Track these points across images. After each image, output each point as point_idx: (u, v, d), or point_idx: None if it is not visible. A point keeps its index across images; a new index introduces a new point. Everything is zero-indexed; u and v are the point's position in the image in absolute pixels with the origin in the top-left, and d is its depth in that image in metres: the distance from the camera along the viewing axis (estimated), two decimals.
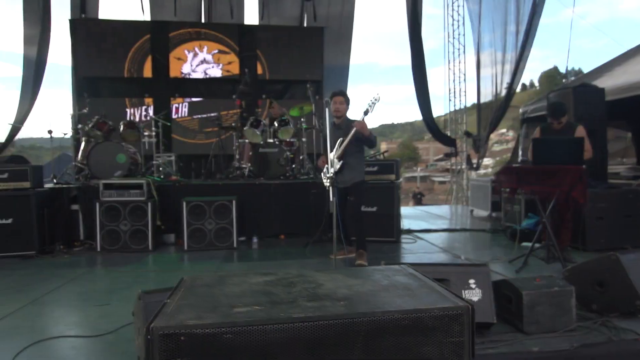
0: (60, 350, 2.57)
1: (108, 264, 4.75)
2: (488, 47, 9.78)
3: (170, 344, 1.29)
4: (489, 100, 9.62)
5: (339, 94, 4.48)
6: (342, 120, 4.46)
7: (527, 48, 7.93)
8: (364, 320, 1.39)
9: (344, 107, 4.45)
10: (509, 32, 8.75)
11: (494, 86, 9.39)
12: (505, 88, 9.00)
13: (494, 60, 9.49)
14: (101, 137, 6.13)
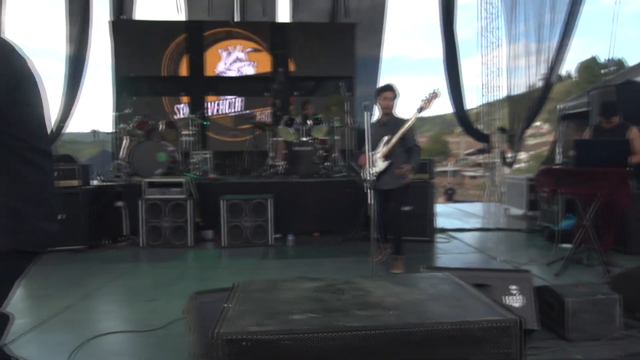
0: (115, 345, 2.73)
1: (152, 259, 4.97)
2: (521, 38, 9.54)
3: (234, 348, 1.38)
4: (522, 93, 9.39)
5: (388, 89, 4.20)
6: (389, 118, 4.23)
7: (567, 37, 7.66)
8: (415, 330, 1.45)
9: (393, 103, 4.20)
10: (544, 21, 8.50)
11: (527, 77, 9.16)
12: (540, 79, 8.77)
13: (527, 51, 9.25)
14: (142, 136, 6.38)
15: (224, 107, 9.30)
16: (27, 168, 1.38)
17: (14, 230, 1.34)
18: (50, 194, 1.46)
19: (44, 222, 1.42)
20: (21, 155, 1.36)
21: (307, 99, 7.71)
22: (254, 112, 9.15)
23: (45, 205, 1.43)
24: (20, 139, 1.35)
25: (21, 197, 1.36)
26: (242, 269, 4.49)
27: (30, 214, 1.38)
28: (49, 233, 1.45)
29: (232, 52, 9.26)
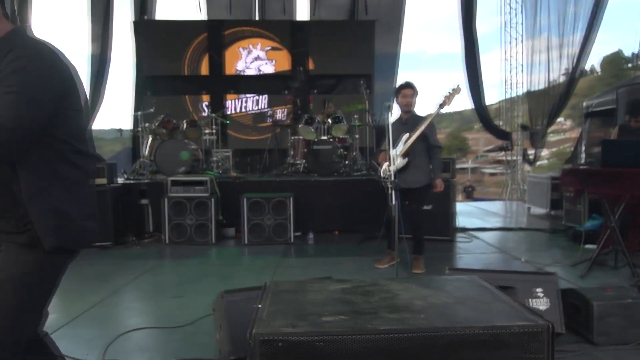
0: (144, 340, 2.82)
1: (175, 256, 5.09)
2: (542, 32, 9.36)
3: (269, 349, 1.43)
4: (543, 88, 9.22)
5: (408, 86, 4.13)
6: (410, 115, 4.19)
7: (593, 30, 7.49)
8: (445, 334, 1.47)
9: (413, 101, 4.16)
10: (568, 14, 8.33)
11: (549, 72, 8.99)
12: (562, 75, 8.60)
13: (548, 45, 9.07)
14: (166, 135, 6.51)
15: (243, 106, 9.39)
16: (71, 169, 1.45)
17: (58, 228, 1.41)
18: (90, 193, 1.53)
19: (85, 221, 1.49)
20: (65, 157, 1.43)
21: (327, 97, 7.74)
22: (273, 110, 9.22)
23: (86, 204, 1.50)
24: (65, 142, 1.42)
25: (65, 197, 1.43)
26: (263, 267, 4.56)
27: (72, 213, 1.44)
28: (90, 231, 1.52)
29: (252, 50, 9.34)
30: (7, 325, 1.39)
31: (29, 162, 1.37)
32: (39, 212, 1.37)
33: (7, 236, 1.43)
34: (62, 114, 1.40)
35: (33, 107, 1.28)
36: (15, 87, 1.27)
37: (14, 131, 1.24)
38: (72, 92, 1.44)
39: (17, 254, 1.41)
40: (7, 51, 1.32)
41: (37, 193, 1.37)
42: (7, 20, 1.41)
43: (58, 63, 1.40)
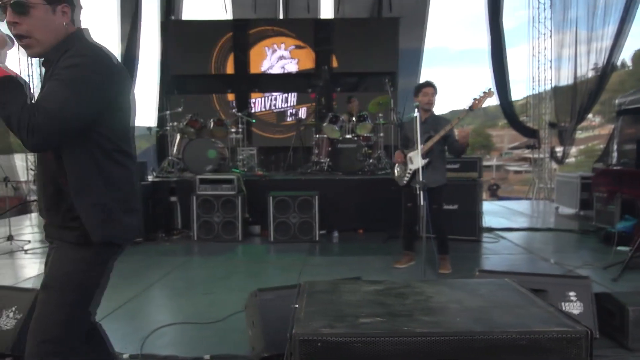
0: (178, 335, 2.91)
1: (204, 252, 5.21)
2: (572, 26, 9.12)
3: (309, 348, 1.47)
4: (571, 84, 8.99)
5: (429, 85, 4.09)
6: (429, 115, 4.15)
7: (626, 23, 7.25)
8: (482, 338, 1.48)
9: (434, 99, 4.11)
10: (598, 7, 8.09)
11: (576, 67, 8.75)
12: (591, 69, 8.36)
13: (576, 39, 8.83)
14: (193, 134, 6.64)
15: (268, 104, 9.48)
16: (116, 168, 1.52)
17: (104, 223, 1.48)
18: (132, 191, 1.60)
19: (129, 216, 1.56)
20: (110, 155, 1.50)
21: (351, 95, 7.74)
22: (298, 108, 9.28)
23: (129, 201, 1.57)
24: (110, 141, 1.50)
25: (110, 194, 1.50)
26: (290, 265, 4.61)
27: (117, 209, 1.52)
28: (133, 226, 1.59)
29: (277, 49, 9.41)
30: (64, 320, 1.47)
31: (75, 157, 1.44)
32: (85, 206, 1.45)
33: (57, 231, 1.51)
34: (109, 115, 1.47)
35: (79, 102, 1.35)
36: (65, 81, 1.35)
37: (56, 119, 1.31)
38: (121, 95, 1.51)
39: (68, 252, 1.50)
40: (65, 50, 1.41)
41: (83, 188, 1.45)
42: (72, 24, 1.50)
43: (111, 66, 1.47)
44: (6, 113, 1.29)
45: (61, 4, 1.45)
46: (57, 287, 1.48)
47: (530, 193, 11.40)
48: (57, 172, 1.46)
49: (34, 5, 1.39)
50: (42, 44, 1.44)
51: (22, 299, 2.44)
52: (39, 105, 1.31)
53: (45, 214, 1.55)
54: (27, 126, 1.27)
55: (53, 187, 1.49)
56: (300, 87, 9.40)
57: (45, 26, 1.42)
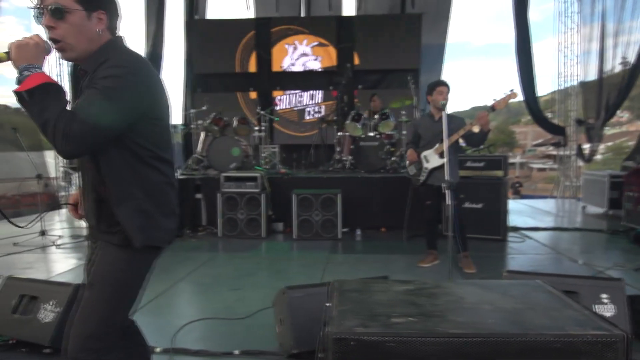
0: (208, 330, 2.97)
1: (229, 249, 5.29)
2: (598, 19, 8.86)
3: (342, 347, 1.49)
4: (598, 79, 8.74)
5: (444, 84, 4.10)
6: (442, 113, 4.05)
7: None
8: (517, 340, 1.48)
9: (448, 98, 4.07)
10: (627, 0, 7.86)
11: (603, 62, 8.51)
12: (620, 63, 8.12)
13: (603, 33, 8.58)
14: (217, 132, 6.73)
15: (290, 102, 9.53)
16: (153, 174, 1.57)
17: (144, 228, 1.53)
18: (170, 195, 1.64)
19: (167, 220, 1.61)
20: (148, 163, 1.55)
21: (373, 93, 7.71)
22: (320, 106, 9.30)
23: (167, 205, 1.62)
24: (147, 149, 1.54)
25: (149, 199, 1.55)
26: (313, 262, 4.65)
27: (155, 213, 1.56)
28: (171, 229, 1.64)
29: (298, 47, 9.45)
30: (105, 317, 1.53)
31: (113, 166, 1.49)
32: (126, 213, 1.50)
33: (102, 235, 1.57)
34: (146, 124, 1.51)
35: (114, 112, 1.39)
36: (102, 91, 1.38)
37: (91, 128, 1.34)
38: (158, 104, 1.55)
39: (111, 253, 1.55)
40: (104, 59, 1.45)
41: (122, 196, 1.50)
42: (108, 32, 1.54)
43: (148, 76, 1.51)
44: (43, 119, 1.33)
45: (97, 10, 1.48)
46: (100, 286, 1.54)
47: (556, 191, 11.17)
48: (97, 181, 1.51)
49: (71, 11, 1.43)
50: (76, 48, 1.48)
51: (61, 293, 2.54)
52: (75, 114, 1.34)
53: (89, 219, 1.61)
54: (62, 134, 1.31)
55: (94, 195, 1.54)
56: (322, 85, 9.42)
57: (80, 32, 1.46)
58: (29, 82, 1.34)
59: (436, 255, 4.41)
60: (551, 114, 11.08)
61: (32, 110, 1.34)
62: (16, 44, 1.39)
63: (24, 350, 2.58)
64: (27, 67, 1.36)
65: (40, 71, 1.38)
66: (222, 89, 9.46)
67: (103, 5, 1.50)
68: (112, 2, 1.55)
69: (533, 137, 39.13)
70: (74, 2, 1.43)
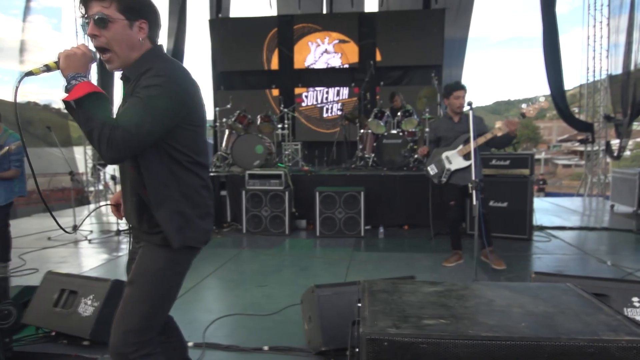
0: (237, 326, 3.06)
1: (253, 245, 5.39)
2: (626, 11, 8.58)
3: (375, 347, 1.53)
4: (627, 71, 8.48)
5: (461, 88, 4.08)
6: (462, 116, 4.13)
7: None
8: (549, 344, 1.49)
9: (465, 101, 4.07)
10: None
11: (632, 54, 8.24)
12: None
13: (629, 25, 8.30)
14: (241, 130, 6.83)
15: (312, 99, 9.57)
16: (190, 177, 1.63)
17: (182, 229, 1.60)
18: (206, 197, 1.71)
19: (203, 221, 1.68)
20: (186, 167, 1.61)
21: (394, 92, 7.68)
22: (342, 103, 9.32)
23: (203, 207, 1.69)
24: (183, 154, 1.60)
25: (186, 202, 1.62)
26: (337, 260, 4.70)
27: (192, 215, 1.63)
28: (207, 230, 1.71)
29: (321, 44, 9.46)
30: (146, 313, 1.60)
31: (153, 170, 1.56)
32: (165, 216, 1.57)
33: (144, 235, 1.65)
34: (183, 130, 1.57)
35: (154, 120, 1.45)
36: (144, 99, 1.45)
37: (133, 135, 1.41)
38: (195, 112, 1.61)
39: (152, 252, 1.63)
40: (147, 69, 1.51)
41: (163, 199, 1.57)
42: (149, 41, 1.60)
43: (187, 85, 1.57)
44: (90, 127, 1.40)
45: (138, 20, 1.55)
46: (141, 283, 1.61)
47: (582, 189, 10.92)
48: (139, 184, 1.58)
49: (114, 20, 1.50)
50: (120, 57, 1.55)
51: (99, 288, 2.65)
52: (118, 122, 1.42)
53: (130, 221, 1.69)
54: (107, 141, 1.38)
55: (136, 198, 1.62)
56: (344, 82, 9.42)
57: (122, 40, 1.53)
58: (77, 92, 1.40)
59: (460, 255, 4.40)
60: (577, 108, 10.82)
61: (79, 118, 1.42)
62: (64, 54, 1.46)
63: (64, 342, 2.71)
64: (74, 76, 1.44)
65: (86, 80, 1.45)
66: (244, 87, 9.56)
67: (144, 15, 1.57)
68: (153, 12, 1.61)
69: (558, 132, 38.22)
70: (117, 11, 1.50)
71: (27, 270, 4.39)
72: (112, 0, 1.49)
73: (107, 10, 1.49)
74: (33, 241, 5.69)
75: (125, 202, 1.70)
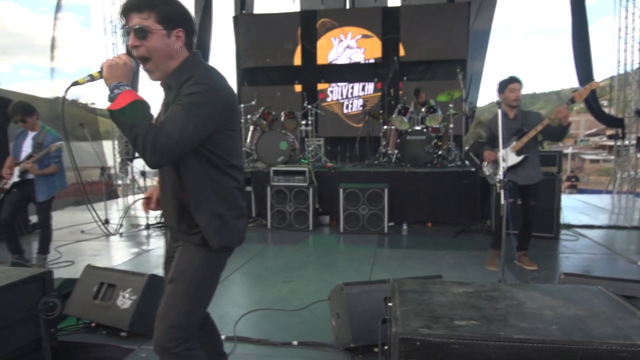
0: (266, 320, 3.14)
1: (278, 241, 5.48)
2: None
3: (408, 346, 1.58)
4: None
5: (516, 81, 3.89)
6: (518, 111, 4.02)
7: None
8: (581, 348, 1.51)
9: (520, 94, 3.94)
10: None
11: None
12: None
13: None
14: (266, 126, 6.91)
15: (335, 94, 9.59)
16: (227, 180, 1.70)
17: (220, 230, 1.67)
18: (240, 199, 1.77)
19: (239, 222, 1.75)
20: (223, 170, 1.68)
21: (418, 88, 7.64)
22: (364, 98, 9.31)
23: (238, 208, 1.75)
24: (220, 157, 1.66)
25: (223, 203, 1.69)
26: (361, 257, 4.74)
27: (229, 216, 1.70)
28: (242, 230, 1.78)
29: (343, 39, 9.45)
30: (187, 310, 1.68)
31: (192, 174, 1.63)
32: (204, 218, 1.64)
33: (184, 235, 1.73)
34: (221, 135, 1.63)
35: (195, 127, 1.52)
36: (185, 107, 1.51)
37: (176, 141, 1.48)
38: (232, 117, 1.67)
39: (191, 251, 1.71)
40: (188, 77, 1.57)
41: (202, 202, 1.64)
42: (185, 48, 1.66)
43: (226, 92, 1.62)
44: (134, 134, 1.47)
45: (176, 29, 1.61)
46: (182, 281, 1.69)
47: (611, 185, 10.64)
48: (179, 188, 1.66)
49: (152, 31, 1.56)
50: (159, 67, 1.62)
51: (136, 282, 2.77)
52: (161, 129, 1.48)
53: (170, 222, 1.78)
54: (150, 147, 1.46)
55: (177, 202, 1.69)
56: (367, 77, 9.40)
57: (161, 50, 1.59)
58: (120, 101, 1.48)
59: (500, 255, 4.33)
60: (607, 101, 10.52)
61: (123, 125, 1.49)
62: (107, 64, 1.53)
63: (103, 332, 2.84)
64: (117, 85, 1.51)
65: (128, 89, 1.52)
66: (267, 83, 9.65)
67: (181, 24, 1.62)
68: (189, 20, 1.66)
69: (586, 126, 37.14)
70: (156, 22, 1.56)
71: (63, 263, 4.59)
72: (151, 11, 1.55)
73: (146, 21, 1.55)
74: (67, 234, 5.92)
75: (165, 204, 1.78)
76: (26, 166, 4.14)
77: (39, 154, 4.13)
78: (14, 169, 4.20)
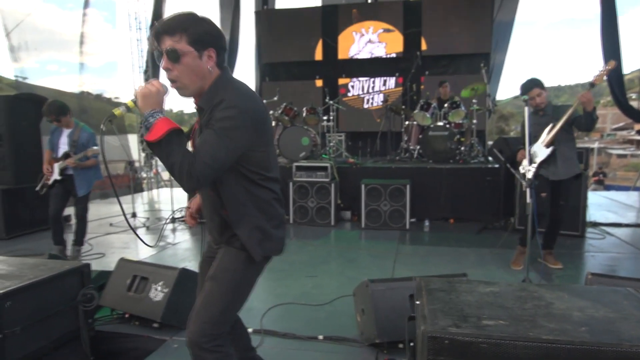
0: (291, 315, 3.20)
1: (300, 236, 5.55)
2: None
3: (436, 345, 1.61)
4: None
5: (535, 86, 3.84)
6: (546, 108, 3.91)
7: None
8: (611, 350, 1.52)
9: (544, 96, 3.86)
10: None
11: None
12: None
13: None
14: (288, 122, 6.97)
15: (356, 89, 9.58)
16: (264, 193, 1.75)
17: (262, 241, 1.74)
18: (278, 209, 1.83)
19: (278, 231, 1.81)
20: (259, 184, 1.73)
21: (444, 80, 7.57)
22: (386, 93, 9.28)
23: (276, 218, 1.81)
24: (259, 173, 1.72)
25: (262, 215, 1.75)
26: (383, 253, 4.77)
27: (269, 227, 1.76)
28: (281, 239, 1.84)
29: (365, 34, 9.42)
30: (223, 308, 1.75)
31: (230, 192, 1.69)
32: (245, 232, 1.71)
33: (224, 240, 1.80)
34: (255, 152, 1.68)
35: (228, 150, 1.57)
36: (218, 132, 1.55)
37: (210, 166, 1.54)
38: (263, 135, 1.70)
39: (232, 254, 1.77)
40: (219, 100, 1.59)
41: (242, 217, 1.71)
42: (216, 67, 1.67)
43: (257, 111, 1.65)
44: (170, 162, 1.53)
45: (207, 49, 1.63)
46: (222, 281, 1.76)
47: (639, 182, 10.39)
48: (219, 205, 1.73)
49: (184, 53, 1.59)
50: (189, 87, 1.65)
51: (168, 276, 2.87)
52: (196, 154, 1.54)
53: (212, 234, 1.87)
54: (187, 173, 1.52)
55: (219, 218, 1.77)
56: (388, 72, 9.36)
57: (192, 71, 1.62)
58: (157, 131, 1.53)
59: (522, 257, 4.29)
60: (635, 94, 10.22)
61: (161, 154, 1.56)
62: (141, 94, 1.58)
63: (136, 323, 2.96)
64: (152, 113, 1.56)
65: (162, 116, 1.56)
66: (289, 78, 9.70)
67: (212, 44, 1.64)
68: (220, 39, 1.68)
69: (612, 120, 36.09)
70: (187, 44, 1.59)
71: (94, 255, 4.76)
72: (182, 34, 1.58)
73: (177, 44, 1.58)
74: (96, 227, 6.11)
75: (208, 220, 1.86)
76: (67, 163, 4.34)
77: (76, 156, 4.31)
78: (54, 165, 4.39)
